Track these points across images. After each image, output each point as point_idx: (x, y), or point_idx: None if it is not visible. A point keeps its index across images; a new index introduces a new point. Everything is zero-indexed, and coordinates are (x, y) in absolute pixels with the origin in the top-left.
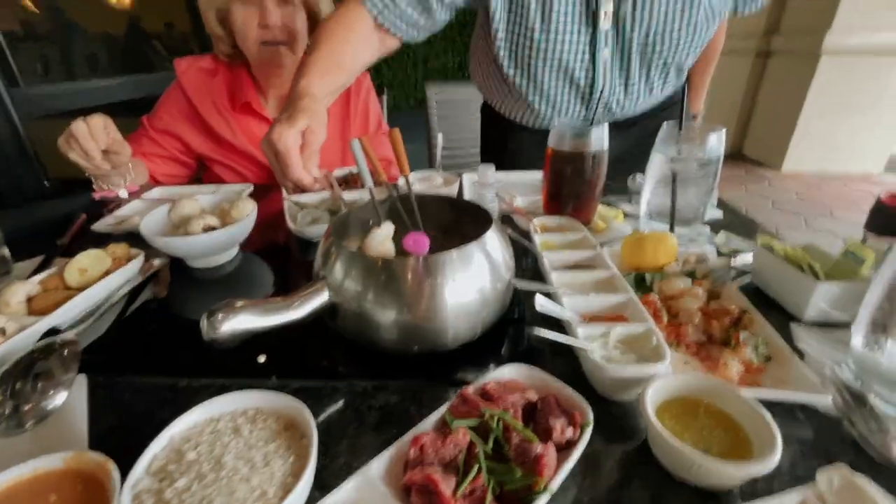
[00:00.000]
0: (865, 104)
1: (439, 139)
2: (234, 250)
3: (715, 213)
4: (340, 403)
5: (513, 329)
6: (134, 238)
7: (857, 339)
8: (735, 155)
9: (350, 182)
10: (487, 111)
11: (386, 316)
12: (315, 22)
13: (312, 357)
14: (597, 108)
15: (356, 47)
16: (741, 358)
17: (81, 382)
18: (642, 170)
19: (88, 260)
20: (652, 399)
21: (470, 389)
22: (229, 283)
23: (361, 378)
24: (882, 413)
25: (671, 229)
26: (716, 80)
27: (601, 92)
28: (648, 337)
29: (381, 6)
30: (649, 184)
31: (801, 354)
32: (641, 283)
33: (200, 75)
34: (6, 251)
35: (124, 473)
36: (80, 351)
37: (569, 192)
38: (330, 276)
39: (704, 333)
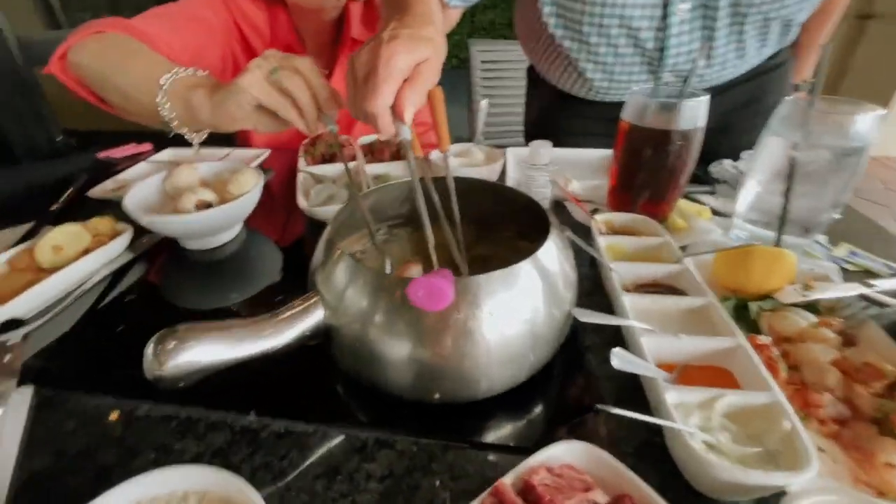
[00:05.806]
0: None
1: (483, 106)
2: (237, 228)
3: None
4: (328, 458)
5: (571, 379)
6: None
7: None
8: None
9: (375, 152)
10: (535, 76)
11: (396, 350)
12: None
13: (303, 392)
14: (665, 77)
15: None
16: None
17: (25, 397)
18: (730, 153)
19: (64, 236)
20: None
21: (508, 481)
22: (228, 267)
23: (361, 427)
24: None
25: (778, 239)
26: None
27: (673, 59)
28: (773, 414)
29: None
30: (758, 175)
31: None
32: (742, 314)
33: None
34: None
35: None
36: (21, 360)
37: (646, 180)
38: (326, 289)
39: (845, 403)
